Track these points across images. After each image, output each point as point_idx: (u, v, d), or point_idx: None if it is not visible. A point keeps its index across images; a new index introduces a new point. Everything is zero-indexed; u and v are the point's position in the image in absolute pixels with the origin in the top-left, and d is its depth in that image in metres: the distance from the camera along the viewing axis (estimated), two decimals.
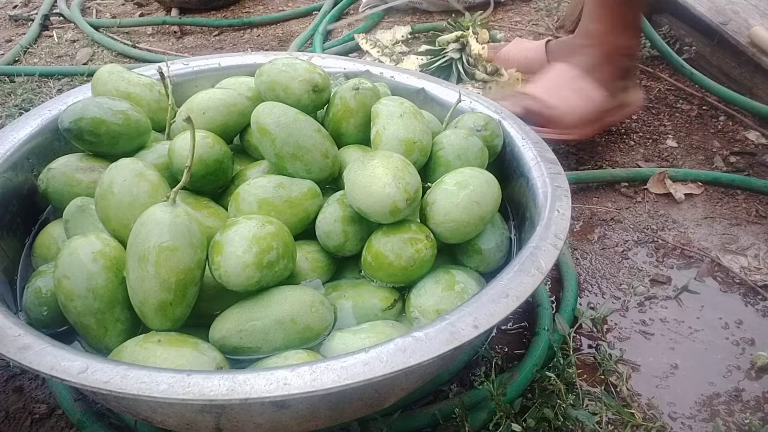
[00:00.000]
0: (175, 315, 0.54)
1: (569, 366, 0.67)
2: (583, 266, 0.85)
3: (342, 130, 0.73)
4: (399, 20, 1.52)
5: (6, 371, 0.70)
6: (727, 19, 1.20)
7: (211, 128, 0.70)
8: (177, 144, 0.65)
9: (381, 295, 0.61)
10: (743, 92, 1.18)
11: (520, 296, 0.52)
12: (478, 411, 0.63)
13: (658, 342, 0.74)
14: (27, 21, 1.63)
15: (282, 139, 0.64)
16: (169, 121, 0.74)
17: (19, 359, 0.46)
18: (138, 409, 0.51)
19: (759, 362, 0.71)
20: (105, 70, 0.75)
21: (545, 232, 0.59)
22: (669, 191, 0.98)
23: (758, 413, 0.66)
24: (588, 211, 0.95)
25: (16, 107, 1.19)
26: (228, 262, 0.54)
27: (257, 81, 0.73)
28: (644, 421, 0.64)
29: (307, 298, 0.57)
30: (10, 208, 0.67)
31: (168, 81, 0.74)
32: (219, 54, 0.97)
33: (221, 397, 0.43)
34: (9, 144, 0.69)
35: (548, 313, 0.73)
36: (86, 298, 0.54)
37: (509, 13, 1.55)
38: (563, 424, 0.62)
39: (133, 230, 0.54)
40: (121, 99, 0.70)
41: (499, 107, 0.79)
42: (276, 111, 0.65)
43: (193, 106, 0.71)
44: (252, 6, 1.66)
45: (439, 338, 0.48)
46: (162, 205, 0.54)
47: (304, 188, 0.65)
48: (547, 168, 0.68)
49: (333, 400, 0.50)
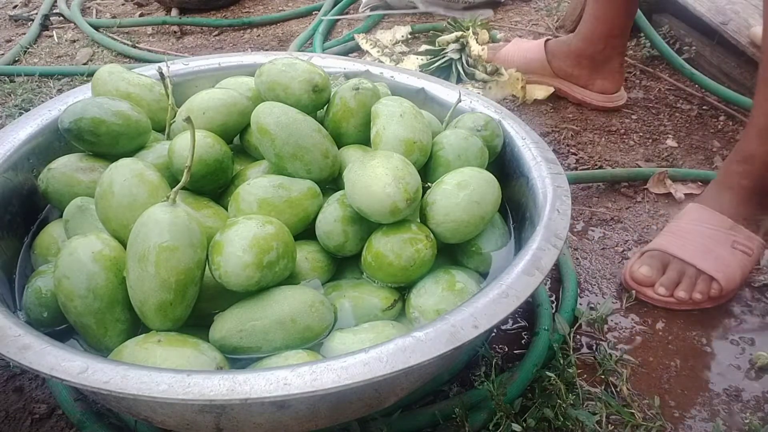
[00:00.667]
0: (175, 315, 0.54)
1: (569, 366, 0.67)
2: (583, 266, 0.85)
3: (342, 130, 0.73)
4: (399, 20, 1.52)
5: (6, 371, 0.70)
6: (727, 19, 1.20)
7: (211, 128, 0.69)
8: (177, 144, 0.65)
9: (381, 295, 0.61)
10: (743, 92, 1.18)
11: (520, 296, 0.52)
12: (478, 411, 0.63)
13: (658, 342, 0.74)
14: (27, 21, 1.63)
15: (282, 139, 0.64)
16: (169, 121, 0.74)
17: (20, 359, 0.46)
18: (138, 409, 0.51)
19: (759, 362, 0.71)
20: (105, 70, 0.75)
21: (545, 232, 0.59)
22: (669, 191, 0.98)
23: (758, 413, 0.66)
24: (588, 211, 0.95)
25: (16, 107, 1.19)
26: (228, 262, 0.54)
27: (257, 81, 0.73)
28: (644, 421, 0.64)
29: (307, 298, 0.57)
30: (10, 208, 0.67)
31: (168, 81, 0.74)
32: (219, 54, 0.97)
33: (221, 397, 0.43)
34: (9, 144, 0.69)
35: (548, 313, 0.73)
36: (86, 298, 0.54)
37: (509, 13, 1.55)
38: (563, 424, 0.62)
39: (133, 230, 0.54)
40: (121, 99, 0.70)
41: (499, 107, 0.79)
42: (276, 111, 0.65)
43: (193, 106, 0.71)
44: (252, 6, 1.66)
45: (440, 338, 0.48)
46: (162, 205, 0.54)
47: (304, 188, 0.64)
48: (547, 168, 0.68)
49: (333, 400, 0.50)
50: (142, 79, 0.76)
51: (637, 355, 0.73)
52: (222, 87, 0.79)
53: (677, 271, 0.79)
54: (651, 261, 0.80)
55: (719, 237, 0.79)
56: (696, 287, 0.77)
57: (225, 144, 0.68)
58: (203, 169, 0.65)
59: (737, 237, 0.80)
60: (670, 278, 0.78)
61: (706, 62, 1.27)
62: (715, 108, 1.19)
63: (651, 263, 0.80)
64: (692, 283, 0.78)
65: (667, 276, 0.78)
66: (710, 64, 1.27)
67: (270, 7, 1.66)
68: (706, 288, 0.77)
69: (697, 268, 0.78)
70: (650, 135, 1.12)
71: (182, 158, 0.64)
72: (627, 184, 1.00)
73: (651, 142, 1.10)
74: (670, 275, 0.78)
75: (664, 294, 0.78)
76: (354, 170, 0.61)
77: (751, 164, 0.80)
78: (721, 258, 0.78)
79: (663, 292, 0.78)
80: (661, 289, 0.78)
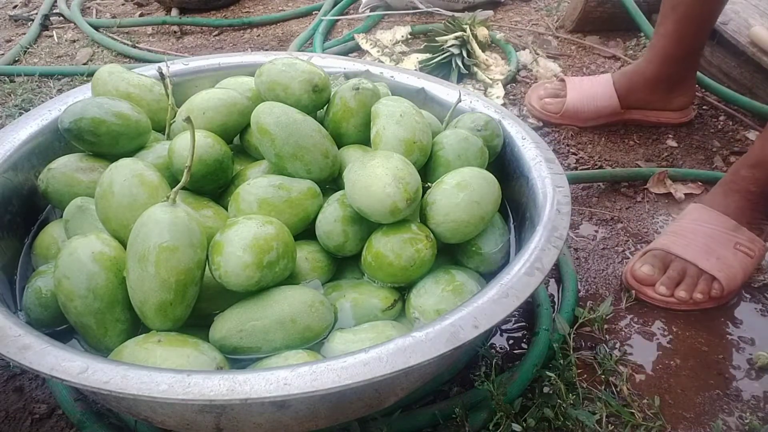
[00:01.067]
0: (175, 315, 0.54)
1: (569, 366, 0.67)
2: (583, 266, 0.85)
3: (342, 130, 0.73)
4: (399, 20, 1.52)
5: (6, 371, 0.70)
6: (727, 19, 1.20)
7: (211, 128, 0.69)
8: (177, 144, 0.65)
9: (381, 295, 0.61)
10: (743, 92, 1.18)
11: (520, 296, 0.52)
12: (478, 411, 0.63)
13: (659, 341, 0.74)
14: (27, 21, 1.63)
15: (282, 138, 0.64)
16: (169, 121, 0.74)
17: (20, 359, 0.46)
18: (138, 409, 0.51)
19: (759, 362, 0.71)
20: (105, 71, 0.75)
21: (545, 231, 0.59)
22: (669, 191, 0.98)
23: (758, 413, 0.66)
24: (588, 211, 0.95)
25: (16, 107, 1.19)
26: (228, 262, 0.54)
27: (257, 81, 0.73)
28: (644, 420, 0.64)
29: (307, 298, 0.57)
30: (9, 208, 0.67)
31: (168, 81, 0.74)
32: (219, 54, 0.97)
33: (221, 397, 0.43)
34: (9, 144, 0.69)
35: (548, 312, 0.73)
36: (86, 299, 0.54)
37: (509, 13, 1.55)
38: (563, 423, 0.62)
39: (133, 230, 0.54)
40: (121, 99, 0.70)
41: (499, 107, 0.79)
42: (276, 111, 0.65)
43: (193, 106, 0.71)
44: (252, 6, 1.66)
45: (440, 338, 0.48)
46: (162, 205, 0.54)
47: (304, 188, 0.64)
48: (547, 168, 0.68)
49: (333, 400, 0.50)
50: (142, 79, 0.76)
51: (637, 354, 0.73)
52: (222, 87, 0.79)
53: (678, 271, 0.78)
54: (653, 260, 0.80)
55: (722, 238, 0.79)
56: (697, 287, 0.77)
57: (225, 144, 0.68)
58: (203, 169, 0.65)
59: (740, 238, 0.79)
60: (671, 277, 0.78)
61: (706, 62, 1.27)
62: (715, 108, 1.19)
63: (653, 262, 0.80)
64: (693, 282, 0.78)
65: (668, 275, 0.78)
66: (710, 64, 1.27)
67: (270, 7, 1.66)
68: (707, 288, 0.77)
69: (698, 268, 0.78)
70: (650, 135, 1.12)
71: (182, 158, 0.64)
72: (627, 184, 1.00)
73: (651, 141, 1.10)
74: (671, 274, 0.78)
75: (665, 293, 0.77)
76: (354, 170, 0.61)
77: (761, 171, 0.80)
78: (723, 258, 0.78)
79: (664, 291, 0.77)
80: (662, 288, 0.78)
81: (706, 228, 0.80)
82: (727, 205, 0.82)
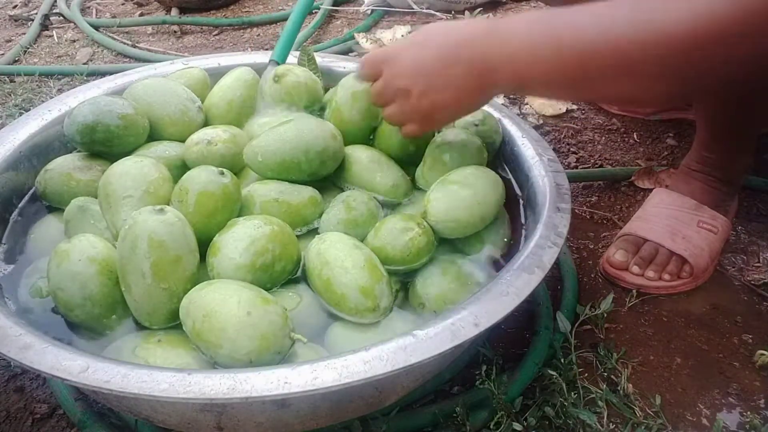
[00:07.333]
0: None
1: (570, 365, 0.67)
2: (583, 265, 0.85)
3: (345, 116, 0.72)
4: (399, 19, 1.52)
5: (7, 371, 0.70)
6: None
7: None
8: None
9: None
10: None
11: (520, 294, 0.52)
12: (479, 410, 0.63)
13: (659, 340, 0.74)
14: (27, 21, 1.63)
15: (266, 170, 0.66)
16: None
17: (20, 359, 0.46)
18: (139, 408, 0.51)
19: (759, 361, 0.71)
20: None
21: (545, 230, 0.59)
22: (655, 186, 0.97)
23: (759, 412, 0.66)
24: (588, 210, 0.95)
25: (16, 107, 1.19)
26: (221, 264, 0.55)
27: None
28: (645, 419, 0.64)
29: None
30: (10, 207, 0.67)
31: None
32: (219, 53, 0.97)
33: (222, 396, 0.43)
34: (9, 144, 0.69)
35: (549, 311, 0.73)
36: (84, 307, 0.54)
37: (509, 13, 1.55)
38: (564, 422, 0.62)
39: (125, 243, 0.53)
40: (122, 99, 0.70)
41: (498, 106, 0.79)
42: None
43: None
44: (252, 5, 1.66)
45: (440, 337, 0.48)
46: (151, 212, 0.53)
47: (305, 198, 0.65)
48: (547, 166, 0.68)
49: (334, 399, 0.50)
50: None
51: (637, 353, 0.72)
52: (220, 84, 0.79)
53: (649, 252, 0.81)
54: (625, 245, 0.82)
55: (684, 217, 0.82)
56: (666, 267, 0.80)
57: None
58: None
59: (702, 216, 0.82)
60: (643, 257, 0.80)
61: None
62: None
63: (626, 247, 0.82)
64: (663, 263, 0.80)
65: (640, 255, 0.80)
66: None
67: (270, 6, 1.66)
68: (676, 269, 0.79)
69: (666, 248, 0.80)
70: (650, 133, 1.12)
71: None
72: (627, 183, 1.00)
73: (651, 140, 1.10)
74: (642, 255, 0.81)
75: (637, 272, 0.79)
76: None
77: (714, 151, 0.83)
78: (688, 237, 0.80)
79: (636, 271, 0.79)
80: (635, 268, 0.80)
81: (669, 210, 0.83)
82: (692, 188, 0.84)
